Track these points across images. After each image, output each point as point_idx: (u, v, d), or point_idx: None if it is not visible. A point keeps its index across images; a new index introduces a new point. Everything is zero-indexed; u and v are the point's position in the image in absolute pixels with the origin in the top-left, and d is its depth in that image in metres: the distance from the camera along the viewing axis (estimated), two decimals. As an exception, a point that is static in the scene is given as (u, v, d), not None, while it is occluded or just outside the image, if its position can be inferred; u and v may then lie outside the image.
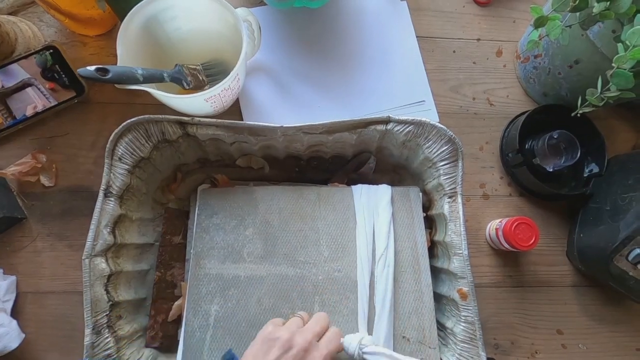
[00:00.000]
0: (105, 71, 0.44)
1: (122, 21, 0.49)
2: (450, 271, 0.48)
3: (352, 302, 0.48)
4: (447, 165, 0.50)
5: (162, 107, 0.53)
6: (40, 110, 0.57)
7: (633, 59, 0.44)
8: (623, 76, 0.45)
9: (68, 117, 0.59)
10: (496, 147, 0.65)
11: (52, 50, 0.58)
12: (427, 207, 0.55)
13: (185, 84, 0.54)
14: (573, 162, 0.58)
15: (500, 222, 0.58)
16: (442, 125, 0.49)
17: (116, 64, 0.47)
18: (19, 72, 0.58)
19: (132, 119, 0.47)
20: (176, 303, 0.51)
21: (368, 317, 0.47)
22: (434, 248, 0.54)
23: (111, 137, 0.47)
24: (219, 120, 0.48)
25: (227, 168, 0.57)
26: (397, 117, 0.50)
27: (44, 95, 0.57)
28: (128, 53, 0.49)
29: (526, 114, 0.61)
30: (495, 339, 0.57)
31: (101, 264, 0.45)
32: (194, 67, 0.56)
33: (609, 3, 0.46)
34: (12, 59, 0.58)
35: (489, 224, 0.61)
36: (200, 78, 0.56)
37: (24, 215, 0.55)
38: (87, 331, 0.43)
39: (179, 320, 0.51)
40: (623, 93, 0.47)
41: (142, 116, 0.47)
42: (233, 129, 0.49)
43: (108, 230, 0.46)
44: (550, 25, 0.51)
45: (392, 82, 0.65)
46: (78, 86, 0.58)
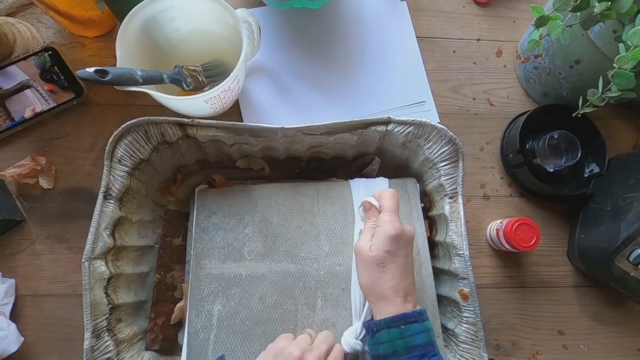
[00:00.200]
0: (104, 73, 0.44)
1: (121, 22, 0.49)
2: (451, 272, 0.48)
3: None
4: (448, 166, 0.50)
5: (161, 109, 0.53)
6: (39, 112, 0.57)
7: (634, 59, 0.44)
8: (624, 76, 0.45)
9: (67, 119, 0.58)
10: (497, 148, 0.65)
11: (50, 52, 0.58)
12: (427, 208, 0.55)
13: (185, 86, 0.54)
14: (574, 162, 0.58)
15: (501, 222, 0.58)
16: (442, 126, 0.49)
17: (115, 65, 0.47)
18: (18, 73, 0.57)
19: (132, 121, 0.47)
20: (178, 305, 0.51)
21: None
22: (434, 249, 0.54)
23: (111, 139, 0.46)
24: (219, 121, 0.48)
25: (227, 169, 0.56)
26: (397, 118, 0.50)
27: (43, 96, 0.57)
28: (127, 54, 0.49)
29: (527, 114, 0.60)
30: (496, 340, 0.57)
31: (101, 266, 0.45)
32: (194, 68, 0.55)
33: (610, 3, 0.46)
34: (10, 61, 0.57)
35: (490, 225, 0.61)
36: (200, 79, 0.56)
37: (22, 217, 0.55)
38: (87, 334, 0.43)
39: (179, 323, 0.51)
40: (624, 93, 0.47)
41: (142, 118, 0.47)
42: (233, 130, 0.48)
43: (108, 232, 0.45)
44: (551, 25, 0.51)
45: (392, 82, 0.65)
46: (77, 88, 0.58)
